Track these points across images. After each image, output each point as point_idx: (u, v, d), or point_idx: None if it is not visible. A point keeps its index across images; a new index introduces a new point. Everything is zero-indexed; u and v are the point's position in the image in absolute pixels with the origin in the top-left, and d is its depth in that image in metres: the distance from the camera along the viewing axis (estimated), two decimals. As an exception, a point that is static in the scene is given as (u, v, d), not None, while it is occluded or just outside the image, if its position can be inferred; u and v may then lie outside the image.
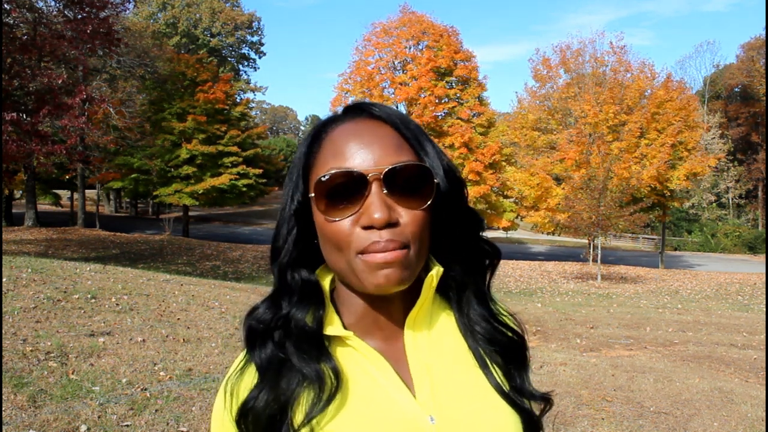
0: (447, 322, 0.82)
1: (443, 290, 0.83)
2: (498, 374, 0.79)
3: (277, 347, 0.75)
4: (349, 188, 0.70)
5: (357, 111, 0.77)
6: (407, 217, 0.71)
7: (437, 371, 0.77)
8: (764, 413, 4.91)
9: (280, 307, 0.77)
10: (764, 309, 13.18)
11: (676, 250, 37.04)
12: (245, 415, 0.73)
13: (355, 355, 0.76)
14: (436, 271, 0.76)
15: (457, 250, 0.80)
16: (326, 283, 0.80)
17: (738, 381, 6.48)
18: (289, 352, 0.74)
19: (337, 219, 0.71)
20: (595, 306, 13.14)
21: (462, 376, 0.78)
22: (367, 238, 0.69)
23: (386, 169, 0.70)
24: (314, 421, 0.71)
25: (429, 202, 0.73)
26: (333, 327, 0.76)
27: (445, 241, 0.79)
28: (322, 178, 0.71)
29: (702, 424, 4.65)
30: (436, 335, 0.80)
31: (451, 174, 0.77)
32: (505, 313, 0.86)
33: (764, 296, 15.14)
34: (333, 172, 0.71)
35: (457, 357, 0.79)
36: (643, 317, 11.35)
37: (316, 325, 0.75)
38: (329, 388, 0.72)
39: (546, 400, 0.83)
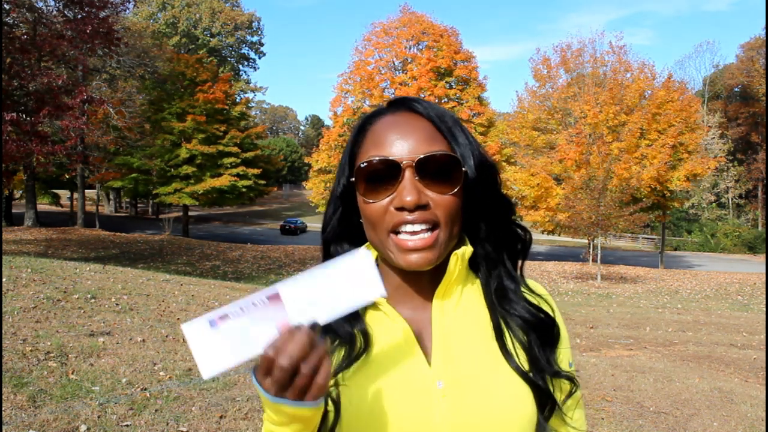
0: (476, 297, 0.88)
1: (477, 267, 0.89)
2: (518, 350, 0.84)
3: None
4: (385, 174, 0.79)
5: (398, 105, 0.86)
6: (437, 200, 0.79)
7: (457, 341, 0.83)
8: (764, 413, 4.91)
9: None
10: (764, 309, 13.18)
11: (676, 250, 37.05)
12: None
13: (385, 320, 0.84)
14: (462, 251, 0.83)
15: (489, 231, 0.87)
16: None
17: (738, 381, 6.49)
18: None
19: (373, 201, 0.80)
20: (595, 306, 13.14)
21: (480, 348, 0.83)
22: (398, 216, 0.78)
23: (418, 158, 0.79)
24: (340, 376, 0.81)
25: (457, 188, 0.80)
26: None
27: (478, 223, 0.86)
28: (362, 165, 0.80)
29: (702, 424, 4.65)
30: (462, 309, 0.86)
31: (482, 162, 0.84)
32: (537, 293, 0.90)
33: (764, 296, 15.14)
34: (371, 159, 0.80)
35: (480, 330, 0.85)
36: (643, 317, 11.35)
37: None
38: (358, 348, 0.82)
39: (570, 379, 0.87)
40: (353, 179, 0.82)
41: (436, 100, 24.94)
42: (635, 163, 20.93)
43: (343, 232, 0.87)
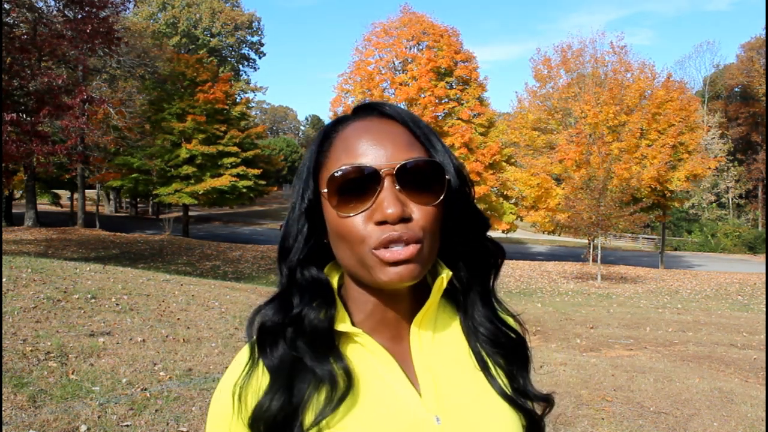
0: (451, 323, 0.82)
1: (447, 291, 0.82)
2: (500, 376, 0.80)
3: (289, 347, 0.74)
4: (361, 184, 0.70)
5: (367, 110, 0.78)
6: (419, 212, 0.71)
7: (440, 372, 0.77)
8: (764, 413, 4.91)
9: (291, 306, 0.76)
10: (764, 309, 13.18)
11: (676, 250, 37.03)
12: (259, 420, 0.73)
13: (363, 353, 0.76)
14: (446, 274, 0.76)
15: (463, 249, 0.80)
16: (334, 280, 0.80)
17: (738, 381, 6.48)
18: (302, 351, 0.74)
19: (350, 215, 0.71)
20: (595, 306, 13.13)
21: (463, 378, 0.78)
22: (382, 233, 0.69)
23: (398, 165, 0.70)
24: (324, 422, 0.71)
25: (441, 198, 0.73)
26: (344, 324, 0.76)
27: (452, 240, 0.79)
28: (335, 174, 0.71)
29: (702, 424, 4.65)
30: (439, 336, 0.80)
31: (460, 173, 0.77)
32: (509, 315, 0.86)
33: (764, 296, 15.14)
34: (346, 167, 0.71)
35: (459, 359, 0.79)
36: (643, 317, 11.34)
37: (327, 324, 0.75)
38: (341, 388, 0.72)
39: (547, 400, 0.83)
40: (325, 190, 0.72)
41: (437, 101, 24.92)
42: (635, 163, 20.92)
43: (310, 253, 0.77)
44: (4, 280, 7.03)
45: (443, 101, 25.22)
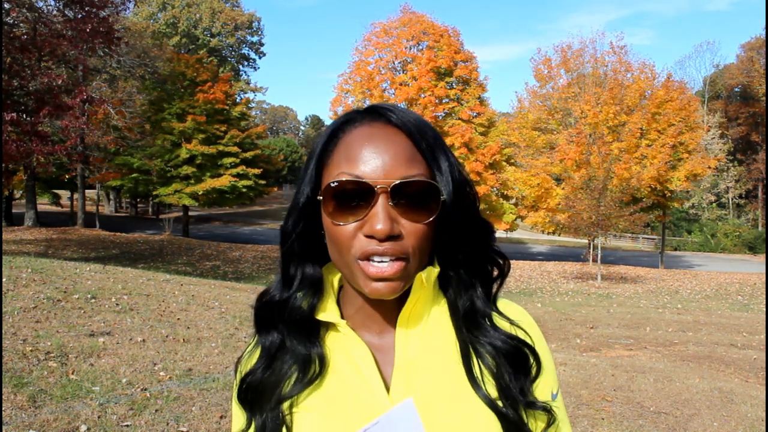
0: (444, 321, 0.82)
1: (447, 289, 0.84)
2: (485, 377, 0.78)
3: (276, 329, 0.82)
4: (356, 196, 0.73)
5: (374, 114, 0.78)
6: (409, 229, 0.73)
7: (421, 369, 0.78)
8: (764, 413, 4.91)
9: (284, 292, 0.83)
10: (764, 309, 13.18)
11: (676, 250, 37.04)
12: (242, 388, 0.82)
13: (345, 343, 0.80)
14: (427, 274, 0.77)
15: (463, 255, 0.81)
16: (336, 277, 0.84)
17: (738, 381, 6.49)
18: (284, 333, 0.81)
19: (342, 223, 0.73)
20: (595, 306, 13.13)
21: (445, 375, 0.78)
22: (368, 244, 0.72)
23: (394, 183, 0.72)
24: (294, 399, 0.79)
25: (432, 218, 0.74)
26: (326, 313, 0.81)
27: (452, 247, 0.80)
28: (332, 184, 0.73)
29: (702, 424, 4.65)
30: (429, 334, 0.81)
31: (461, 188, 0.78)
32: (512, 319, 0.84)
33: (764, 296, 15.14)
34: (342, 179, 0.73)
35: (447, 357, 0.80)
36: (643, 317, 11.34)
37: (308, 312, 0.81)
38: (312, 371, 0.79)
39: (547, 411, 0.81)
40: (320, 197, 0.75)
41: (437, 101, 24.91)
42: (635, 163, 20.93)
43: (305, 248, 0.81)
44: (4, 280, 7.03)
45: (443, 101, 25.20)
